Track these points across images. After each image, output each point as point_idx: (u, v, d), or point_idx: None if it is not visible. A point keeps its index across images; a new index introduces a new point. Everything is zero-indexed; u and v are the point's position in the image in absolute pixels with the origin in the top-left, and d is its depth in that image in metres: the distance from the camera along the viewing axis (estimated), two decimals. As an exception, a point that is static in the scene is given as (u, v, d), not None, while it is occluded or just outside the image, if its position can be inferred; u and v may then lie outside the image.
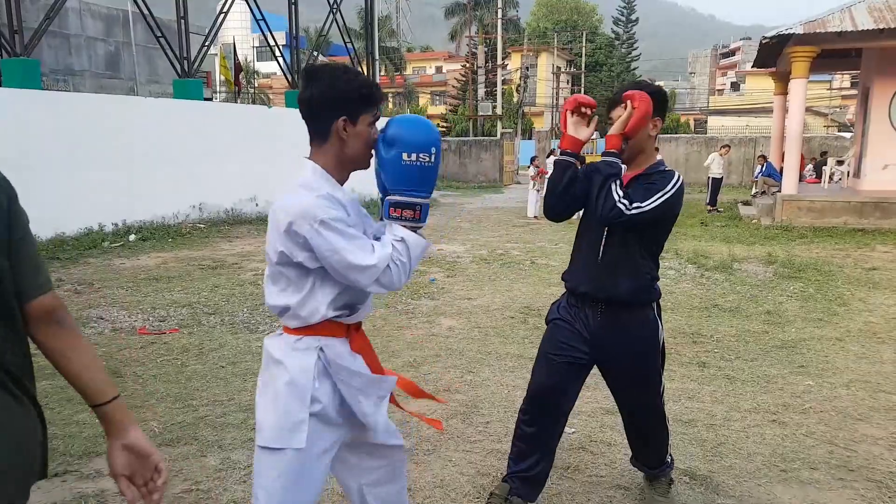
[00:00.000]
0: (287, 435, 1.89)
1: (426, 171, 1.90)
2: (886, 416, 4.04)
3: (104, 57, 20.66)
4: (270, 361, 1.96)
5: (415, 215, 1.91)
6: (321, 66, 1.92)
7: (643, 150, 2.64)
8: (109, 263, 9.29)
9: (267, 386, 1.95)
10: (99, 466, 3.40)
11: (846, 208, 12.63)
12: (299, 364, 1.91)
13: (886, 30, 11.66)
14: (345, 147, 1.90)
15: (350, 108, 1.87)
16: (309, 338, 1.93)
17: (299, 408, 1.89)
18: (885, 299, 7.05)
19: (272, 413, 1.91)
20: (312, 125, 1.91)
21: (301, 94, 1.91)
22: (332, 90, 1.85)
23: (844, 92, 42.72)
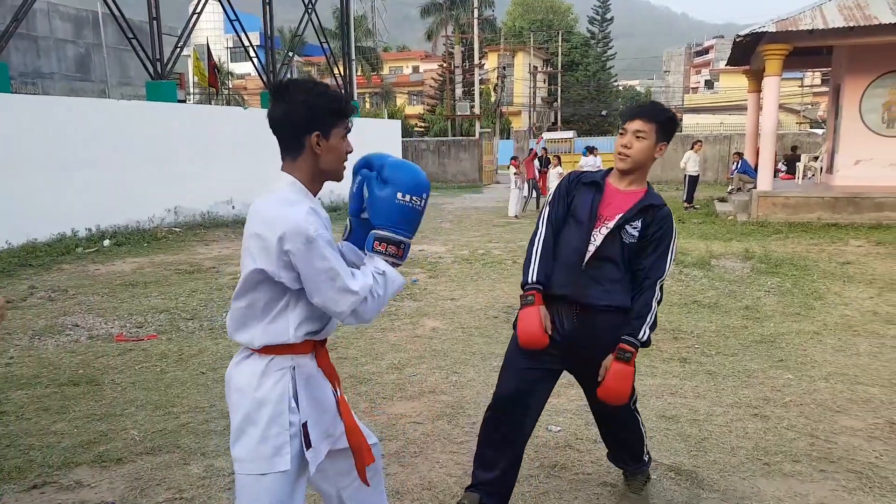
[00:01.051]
0: (270, 460, 1.87)
1: (415, 213, 1.98)
2: (864, 407, 4.11)
3: (74, 59, 20.31)
4: (240, 388, 1.91)
5: (398, 252, 1.96)
6: (291, 82, 1.91)
7: (643, 167, 2.72)
8: (84, 269, 9.13)
9: (239, 412, 1.91)
10: (79, 477, 3.33)
11: (820, 204, 12.82)
12: (272, 387, 1.88)
13: (856, 27, 11.86)
14: (318, 161, 1.91)
15: (323, 123, 1.88)
16: (280, 357, 1.90)
17: (278, 431, 1.87)
18: (860, 293, 7.17)
19: (250, 440, 1.88)
20: (285, 140, 1.91)
21: (272, 112, 1.89)
22: (303, 106, 1.86)
23: (816, 89, 43.41)
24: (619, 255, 2.65)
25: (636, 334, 2.59)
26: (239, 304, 1.91)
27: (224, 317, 6.53)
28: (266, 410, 1.87)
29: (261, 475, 1.88)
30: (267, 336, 1.88)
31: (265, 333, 1.88)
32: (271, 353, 1.90)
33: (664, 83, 79.22)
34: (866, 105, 13.73)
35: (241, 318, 1.91)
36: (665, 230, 2.66)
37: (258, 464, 1.87)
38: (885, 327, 5.89)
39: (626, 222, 2.64)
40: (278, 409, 1.87)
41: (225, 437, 3.75)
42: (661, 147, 2.69)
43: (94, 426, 3.94)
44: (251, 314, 1.89)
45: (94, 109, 12.16)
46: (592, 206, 2.70)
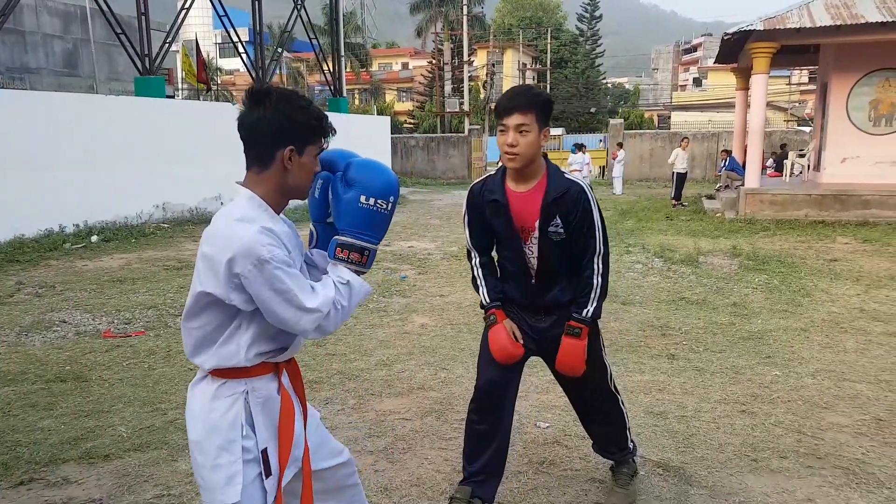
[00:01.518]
0: (222, 490, 1.76)
1: (381, 218, 1.85)
2: (851, 404, 4.14)
3: (62, 54, 20.13)
4: (193, 411, 1.82)
5: (361, 259, 1.84)
6: (271, 89, 1.78)
7: (534, 160, 2.62)
8: (71, 265, 9.06)
9: (191, 437, 1.82)
10: (66, 473, 3.31)
11: (807, 201, 12.92)
12: (224, 412, 1.77)
13: (843, 26, 11.96)
14: (287, 177, 1.78)
15: (299, 138, 1.76)
16: (232, 382, 1.79)
17: (230, 460, 1.76)
18: (847, 290, 7.23)
19: (203, 468, 1.79)
20: (254, 150, 1.78)
21: (245, 116, 1.76)
22: (282, 117, 1.73)
23: (803, 87, 43.73)
24: (557, 254, 2.68)
25: (581, 311, 2.67)
26: (190, 326, 1.79)
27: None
28: (216, 437, 1.76)
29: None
30: (217, 359, 1.77)
31: (215, 356, 1.77)
32: (223, 377, 1.79)
33: (653, 81, 79.51)
34: (853, 103, 13.84)
35: (193, 340, 1.80)
36: (582, 209, 2.61)
37: (211, 493, 1.78)
38: (871, 324, 5.94)
39: (546, 226, 2.64)
40: (230, 435, 1.76)
41: (213, 434, 3.74)
42: (545, 133, 2.60)
43: (81, 423, 3.92)
44: (201, 336, 1.78)
45: (82, 105, 12.07)
46: (507, 227, 2.70)
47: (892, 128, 13.71)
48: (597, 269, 2.67)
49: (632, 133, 28.07)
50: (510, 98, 2.58)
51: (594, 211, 2.64)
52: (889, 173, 13.65)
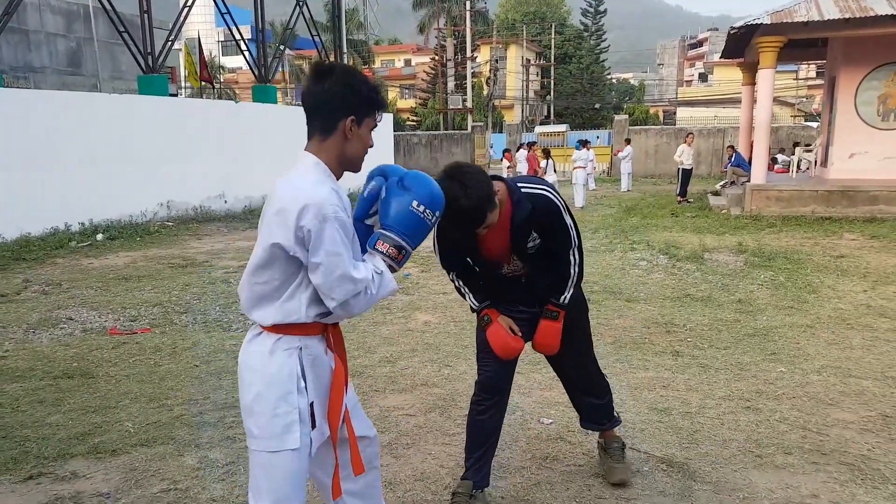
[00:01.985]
0: (280, 438, 1.91)
1: (424, 225, 1.99)
2: (857, 400, 4.13)
3: (65, 53, 20.19)
4: (250, 366, 1.95)
5: (397, 256, 1.97)
6: (336, 64, 1.95)
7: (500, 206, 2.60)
8: (77, 263, 9.11)
9: (251, 389, 1.94)
10: (74, 468, 3.34)
11: (814, 197, 12.85)
12: (281, 365, 1.91)
13: (852, 19, 11.85)
14: (346, 146, 1.93)
15: (360, 109, 1.91)
16: (289, 337, 1.92)
17: (288, 409, 1.90)
18: (853, 286, 7.20)
19: (262, 417, 1.91)
20: (318, 120, 1.92)
21: (312, 87, 1.91)
22: (347, 88, 1.89)
23: (810, 82, 43.55)
24: (539, 257, 2.81)
25: (559, 297, 2.87)
26: (256, 280, 1.91)
27: (217, 310, 6.52)
28: (275, 389, 1.90)
29: (272, 452, 1.92)
30: (280, 314, 1.90)
31: (278, 311, 1.90)
32: (280, 332, 1.92)
33: (658, 76, 79.27)
34: (861, 98, 13.73)
35: (255, 295, 1.92)
36: (553, 217, 2.73)
37: (269, 441, 1.91)
38: (878, 320, 5.91)
39: (523, 244, 2.73)
40: (287, 387, 1.90)
41: (219, 429, 3.76)
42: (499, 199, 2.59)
43: (88, 418, 3.94)
44: (266, 291, 1.90)
45: (86, 104, 12.12)
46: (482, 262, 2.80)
47: (900, 123, 13.62)
48: (573, 261, 2.87)
49: (637, 129, 27.98)
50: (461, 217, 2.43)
51: (563, 214, 2.77)
52: (896, 168, 13.57)
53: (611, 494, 3.05)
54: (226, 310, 6.55)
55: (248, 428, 1.96)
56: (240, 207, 15.17)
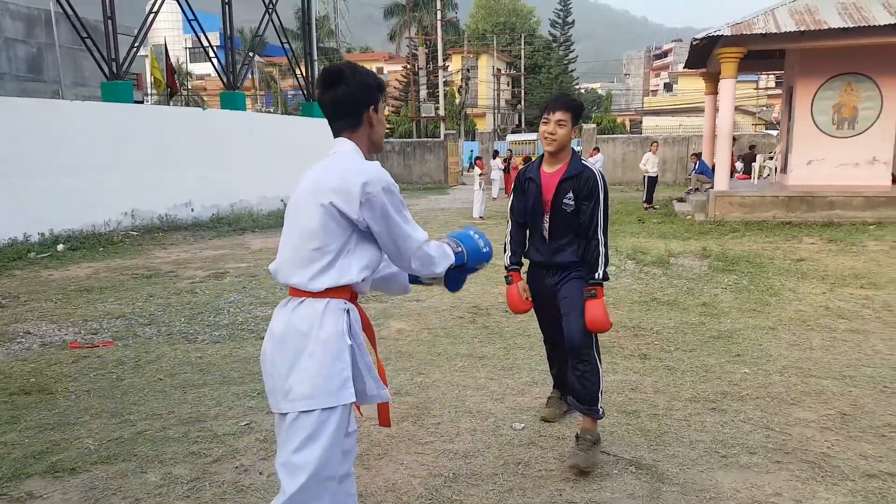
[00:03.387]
0: (337, 393, 2.00)
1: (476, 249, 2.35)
2: (817, 399, 4.22)
3: (25, 59, 19.73)
4: (299, 329, 2.02)
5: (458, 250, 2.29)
6: (345, 67, 2.16)
7: (565, 147, 3.46)
8: (37, 275, 8.88)
9: (301, 353, 2.01)
10: (30, 488, 3.23)
11: (775, 203, 13.15)
12: (333, 325, 2.02)
13: (807, 31, 12.22)
14: (372, 132, 2.20)
15: (374, 97, 2.17)
16: (336, 300, 2.05)
17: (342, 366, 2.02)
18: (813, 288, 7.37)
19: (318, 376, 1.99)
20: (345, 118, 2.14)
21: (332, 94, 2.12)
22: (362, 85, 2.13)
23: (770, 91, 44.55)
24: (565, 223, 3.42)
25: (593, 276, 3.36)
26: (310, 246, 2.03)
27: (183, 322, 6.41)
28: (331, 346, 2.00)
29: (328, 409, 1.99)
30: (334, 276, 2.03)
31: (333, 273, 2.03)
32: (328, 296, 2.04)
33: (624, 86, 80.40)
34: (817, 107, 14.13)
35: (306, 259, 2.04)
36: (591, 188, 3.36)
37: (326, 398, 1.99)
38: (836, 321, 6.06)
39: (561, 198, 3.39)
40: (341, 344, 2.01)
41: (183, 444, 3.68)
42: (575, 130, 3.49)
43: (46, 436, 3.83)
44: (318, 256, 2.03)
45: (48, 111, 11.85)
46: (537, 200, 3.48)
47: (854, 131, 14.02)
48: (600, 240, 3.36)
49: (604, 138, 28.33)
50: (555, 99, 3.43)
51: (600, 192, 3.37)
52: (852, 175, 13.96)
53: (581, 499, 3.06)
54: (191, 321, 6.44)
55: (295, 390, 2.00)
56: (207, 216, 14.96)
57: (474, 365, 4.99)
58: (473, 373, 4.82)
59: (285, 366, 2.03)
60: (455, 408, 4.16)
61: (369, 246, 2.10)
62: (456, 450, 3.57)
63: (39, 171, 11.27)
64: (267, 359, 2.09)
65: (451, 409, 4.13)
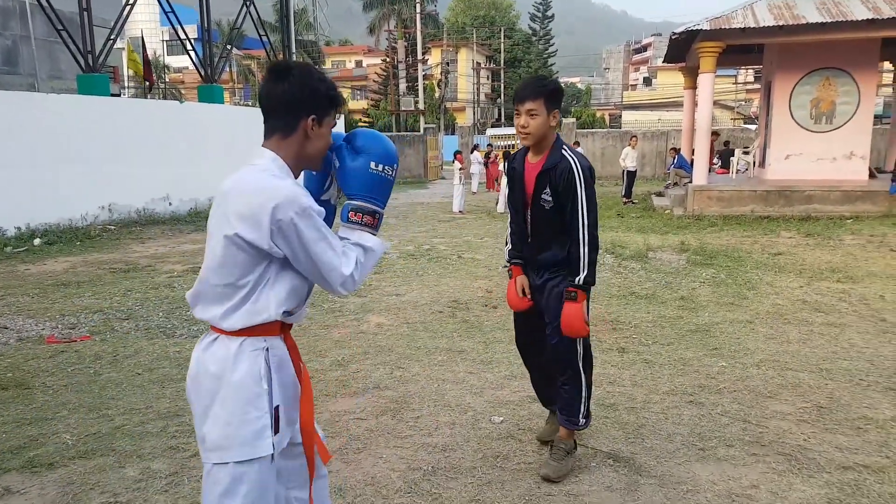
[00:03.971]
0: (252, 445, 1.80)
1: (387, 183, 1.99)
2: (794, 392, 4.28)
3: (1, 51, 19.36)
4: (212, 372, 1.83)
5: (373, 222, 1.96)
6: (292, 64, 1.93)
7: (546, 137, 3.13)
8: (13, 270, 8.75)
9: (214, 397, 1.82)
10: (7, 483, 3.20)
11: (753, 197, 13.30)
12: (248, 368, 1.82)
13: (785, 26, 12.34)
14: (307, 145, 1.90)
15: (320, 108, 1.89)
16: (253, 339, 1.84)
17: (258, 414, 1.81)
18: (790, 282, 7.47)
19: (228, 426, 1.80)
20: (278, 119, 1.89)
21: (271, 87, 1.88)
22: (307, 88, 1.87)
23: (749, 86, 44.94)
24: (545, 220, 3.14)
25: (574, 279, 3.09)
26: (219, 282, 1.81)
27: (161, 316, 6.35)
28: (244, 392, 1.80)
29: (242, 462, 1.80)
30: (247, 316, 1.81)
31: (246, 313, 1.81)
32: (243, 335, 1.83)
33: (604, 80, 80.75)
34: (795, 101, 14.28)
35: (217, 296, 1.83)
36: (567, 182, 3.04)
37: (239, 450, 1.79)
38: (813, 315, 6.15)
39: (539, 193, 3.12)
40: (255, 390, 1.81)
41: (162, 439, 3.66)
42: (555, 114, 3.10)
43: (23, 431, 3.79)
44: (230, 292, 1.81)
45: (23, 104, 11.65)
46: (520, 193, 3.24)
47: (832, 125, 14.20)
48: (582, 240, 3.05)
49: (584, 132, 28.45)
50: (522, 88, 3.11)
51: (579, 186, 3.04)
52: (829, 169, 14.15)
53: (559, 491, 3.09)
54: (169, 315, 6.39)
55: (208, 440, 1.82)
56: (185, 210, 14.82)
57: (453, 359, 5.01)
58: (453, 367, 4.83)
59: (200, 410, 1.85)
60: (434, 402, 4.17)
61: (289, 274, 1.86)
62: (435, 443, 3.59)
63: (16, 165, 11.09)
64: (190, 400, 1.91)
65: (431, 403, 4.15)
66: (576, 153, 3.13)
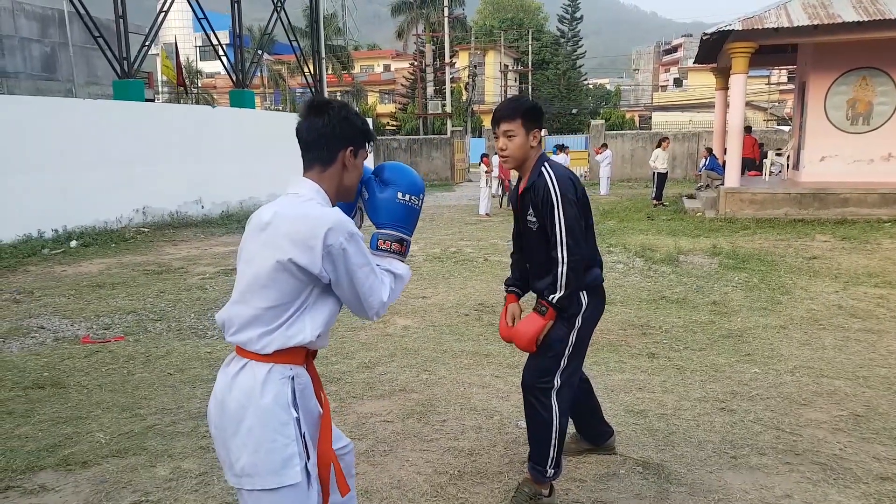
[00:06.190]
0: (279, 473, 1.81)
1: (413, 213, 2.09)
2: (829, 400, 4.19)
3: (40, 58, 19.86)
4: (239, 399, 1.84)
5: (401, 249, 2.07)
6: (330, 100, 2.02)
7: (528, 158, 2.91)
8: (50, 271, 8.96)
9: (241, 424, 1.83)
10: (43, 481, 3.27)
11: (786, 200, 13.05)
12: (276, 395, 1.83)
13: (820, 26, 12.09)
14: (345, 176, 2.00)
15: (357, 140, 2.00)
16: (280, 366, 1.86)
17: (286, 441, 1.82)
18: (826, 287, 7.31)
19: (256, 454, 1.81)
20: (318, 151, 1.97)
21: (311, 121, 1.97)
22: (345, 122, 1.97)
23: (782, 86, 44.21)
24: (536, 244, 2.93)
25: (549, 296, 2.81)
26: (260, 304, 1.84)
27: (192, 318, 6.44)
28: (272, 420, 1.81)
29: (271, 490, 1.81)
30: (282, 338, 1.84)
31: (282, 335, 1.85)
32: (272, 361, 1.85)
33: (633, 81, 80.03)
34: (831, 102, 13.98)
35: (254, 319, 1.85)
36: (544, 200, 2.80)
37: (267, 478, 1.81)
38: (849, 321, 6.01)
39: (524, 216, 2.96)
40: (283, 418, 1.83)
41: (192, 439, 3.71)
42: (535, 134, 2.88)
43: (59, 429, 3.87)
44: (270, 316, 1.84)
45: (61, 109, 11.94)
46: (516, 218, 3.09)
47: (869, 126, 13.87)
48: (560, 259, 2.77)
49: (613, 134, 28.21)
50: (498, 109, 2.93)
51: (556, 202, 2.78)
52: (866, 171, 13.81)
53: (587, 498, 3.06)
54: (201, 317, 6.48)
55: (237, 466, 1.84)
56: (217, 213, 15.03)
57: (480, 362, 5.00)
58: (479, 370, 4.82)
59: (227, 436, 1.86)
60: (460, 405, 4.16)
61: (329, 300, 1.92)
62: (461, 447, 3.58)
63: (53, 169, 11.36)
64: (212, 422, 1.92)
65: (457, 407, 4.14)
66: (555, 167, 2.88)
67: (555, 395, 2.87)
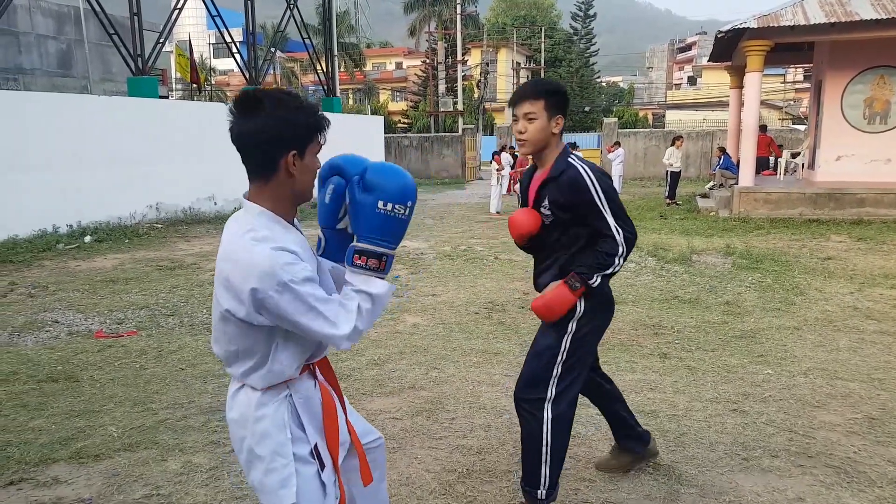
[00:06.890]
0: (276, 494, 1.81)
1: (398, 223, 1.80)
2: (843, 402, 4.14)
3: (56, 55, 20.05)
4: (237, 421, 1.85)
5: (380, 265, 1.80)
6: (262, 94, 1.70)
7: (548, 145, 2.70)
8: (64, 265, 9.03)
9: (242, 445, 1.84)
10: (56, 473, 3.30)
11: (801, 199, 12.93)
12: (271, 419, 1.80)
13: (837, 24, 11.96)
14: (293, 183, 1.74)
15: (299, 141, 1.71)
16: (274, 390, 1.81)
17: (283, 463, 1.80)
18: (840, 288, 7.24)
19: (258, 472, 1.82)
20: (254, 160, 1.71)
21: (239, 126, 1.69)
22: (281, 123, 1.67)
23: (798, 85, 43.80)
24: (545, 238, 2.74)
25: (588, 277, 2.60)
26: (226, 347, 1.79)
27: (204, 313, 6.48)
28: (268, 443, 1.79)
29: None
30: (268, 377, 1.78)
31: (267, 377, 1.78)
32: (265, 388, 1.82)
33: (647, 79, 79.59)
34: (847, 101, 13.83)
35: (230, 356, 1.80)
36: (573, 193, 2.59)
37: (269, 496, 1.82)
38: (864, 322, 5.95)
39: (536, 207, 2.74)
40: (279, 439, 1.79)
41: (203, 434, 3.73)
42: (558, 121, 2.67)
43: (72, 423, 3.90)
44: (241, 357, 1.78)
45: (76, 105, 12.03)
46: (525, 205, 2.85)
47: (886, 125, 13.71)
48: (609, 248, 2.59)
49: (626, 132, 28.08)
50: (520, 88, 2.71)
51: (594, 193, 2.57)
52: (884, 171, 13.65)
53: (597, 499, 3.05)
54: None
55: (249, 478, 1.88)
56: (229, 209, 15.10)
57: (489, 361, 4.99)
58: (488, 369, 4.81)
59: (236, 448, 1.88)
60: (469, 403, 4.16)
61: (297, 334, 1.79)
62: (470, 445, 3.57)
63: (68, 165, 11.46)
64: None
65: (466, 405, 4.13)
66: (583, 159, 2.74)
67: (548, 407, 2.67)
